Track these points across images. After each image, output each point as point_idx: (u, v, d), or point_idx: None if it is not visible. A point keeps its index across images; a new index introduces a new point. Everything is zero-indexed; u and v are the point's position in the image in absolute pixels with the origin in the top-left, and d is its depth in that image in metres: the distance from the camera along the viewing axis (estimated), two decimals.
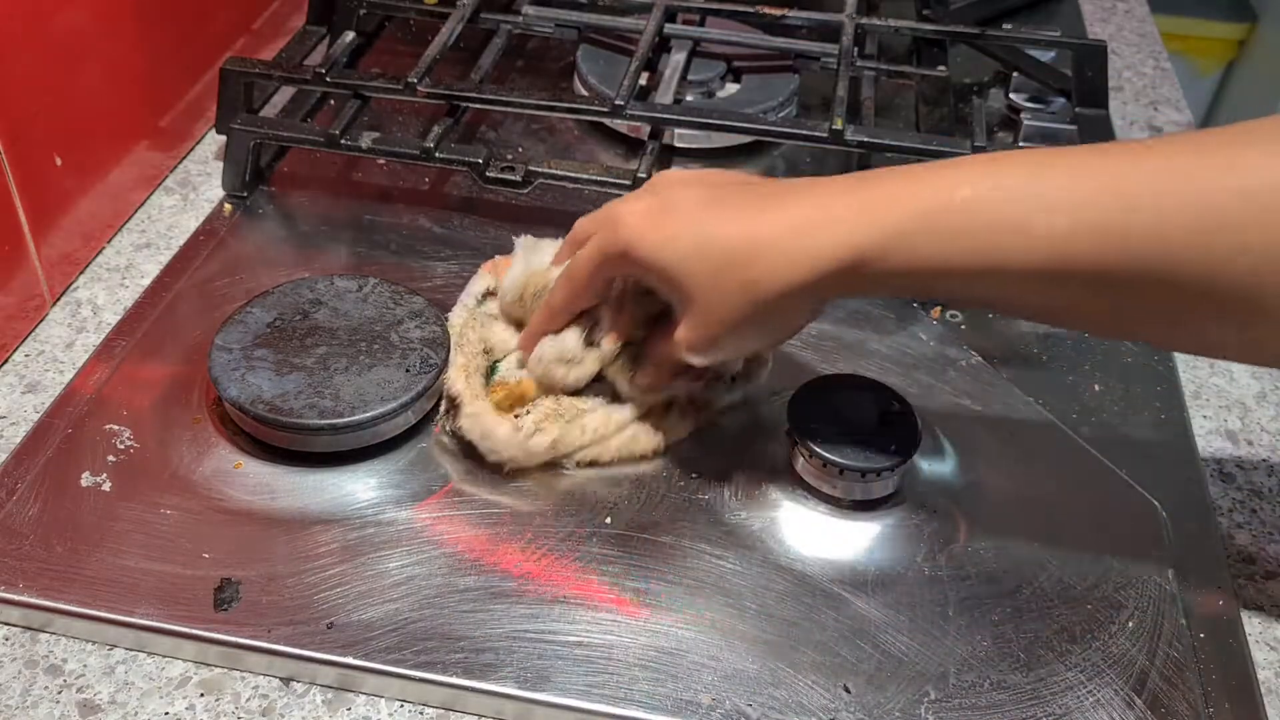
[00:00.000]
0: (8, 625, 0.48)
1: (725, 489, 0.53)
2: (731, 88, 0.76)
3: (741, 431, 0.56)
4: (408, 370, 0.54)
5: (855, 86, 0.75)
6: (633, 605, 0.48)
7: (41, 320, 0.61)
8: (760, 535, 0.51)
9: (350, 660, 0.45)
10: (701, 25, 0.78)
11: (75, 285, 0.64)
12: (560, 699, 0.45)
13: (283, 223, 0.68)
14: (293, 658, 0.46)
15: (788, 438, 0.53)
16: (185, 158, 0.74)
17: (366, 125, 0.70)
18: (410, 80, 0.67)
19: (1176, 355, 0.62)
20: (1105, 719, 0.45)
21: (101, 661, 0.47)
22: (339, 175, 0.71)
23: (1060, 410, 0.58)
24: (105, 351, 0.58)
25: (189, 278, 0.63)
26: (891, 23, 0.77)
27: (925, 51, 0.79)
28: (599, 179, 0.65)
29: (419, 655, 0.46)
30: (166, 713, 0.44)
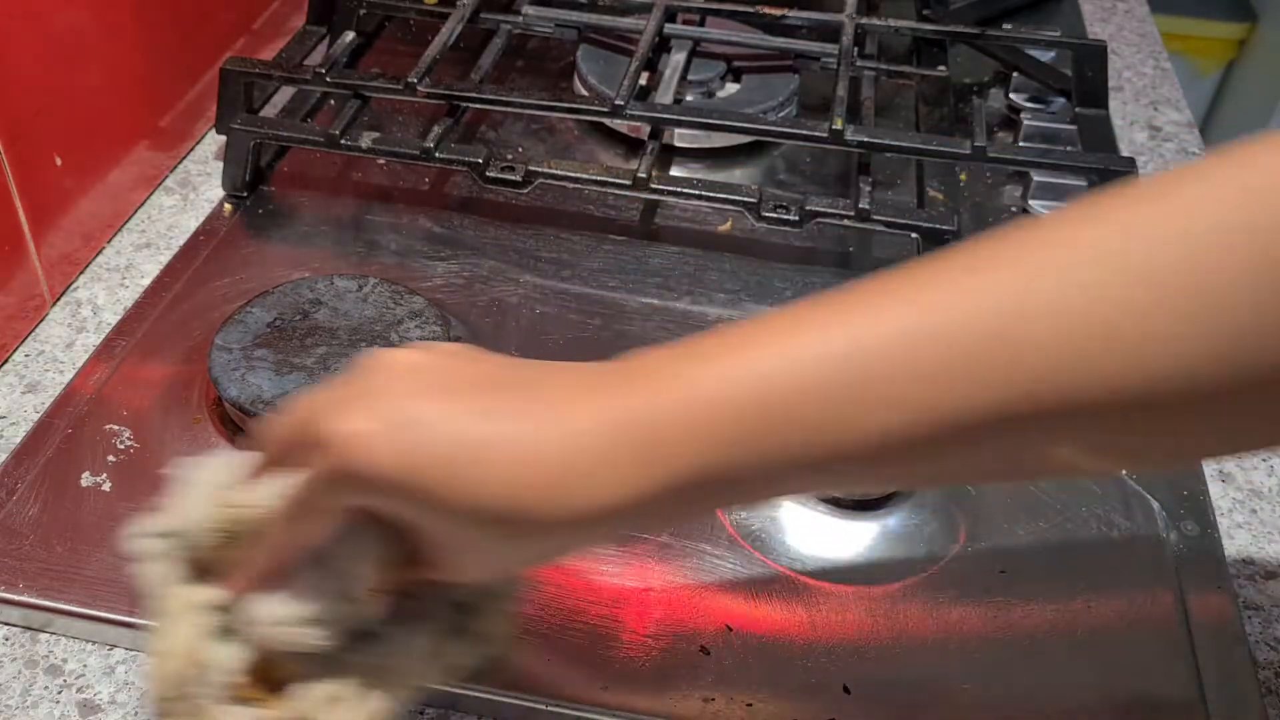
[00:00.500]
0: (8, 625, 0.48)
1: None
2: (731, 88, 0.76)
3: None
4: None
5: (855, 86, 0.75)
6: (633, 605, 0.48)
7: (41, 320, 0.61)
8: (760, 535, 0.51)
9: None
10: (701, 25, 0.78)
11: (75, 285, 0.64)
12: (560, 699, 0.45)
13: (283, 223, 0.68)
14: None
15: None
16: (185, 158, 0.74)
17: (366, 125, 0.70)
18: (410, 80, 0.67)
19: None
20: (1105, 718, 0.45)
21: (101, 661, 0.47)
22: (339, 175, 0.71)
23: None
24: (105, 351, 0.58)
25: (189, 278, 0.63)
26: (891, 23, 0.77)
27: (925, 51, 0.79)
28: (599, 179, 0.65)
29: None
30: None
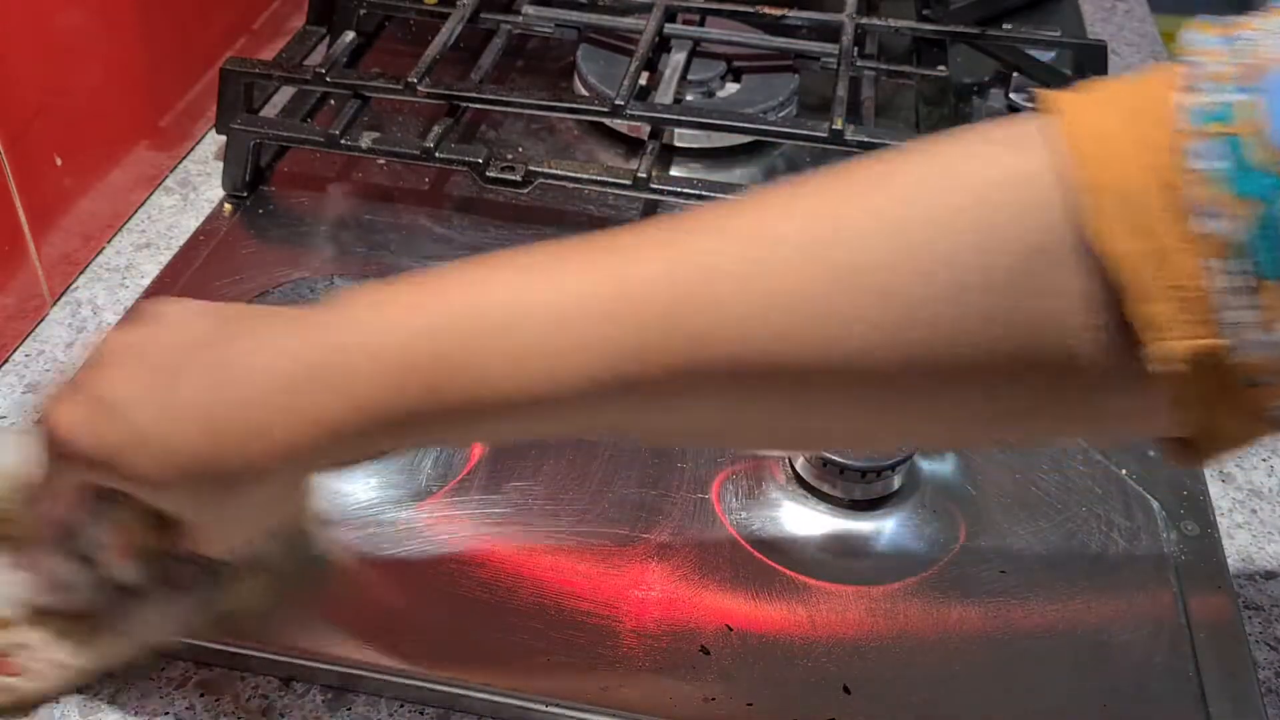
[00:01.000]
0: None
1: (725, 489, 0.53)
2: (731, 88, 0.76)
3: None
4: None
5: (855, 86, 0.75)
6: (632, 605, 0.48)
7: (41, 320, 0.61)
8: (760, 535, 0.51)
9: (351, 660, 0.45)
10: (701, 25, 0.78)
11: (75, 285, 0.64)
12: (560, 699, 0.45)
13: (283, 223, 0.68)
14: (293, 657, 0.46)
15: None
16: (185, 158, 0.74)
17: (366, 125, 0.70)
18: (410, 80, 0.67)
19: None
20: (1105, 718, 0.45)
21: None
22: (339, 175, 0.71)
23: None
24: None
25: (189, 278, 0.63)
26: (891, 23, 0.77)
27: (925, 51, 0.79)
28: (599, 179, 0.65)
29: (419, 655, 0.46)
30: (166, 713, 0.44)
